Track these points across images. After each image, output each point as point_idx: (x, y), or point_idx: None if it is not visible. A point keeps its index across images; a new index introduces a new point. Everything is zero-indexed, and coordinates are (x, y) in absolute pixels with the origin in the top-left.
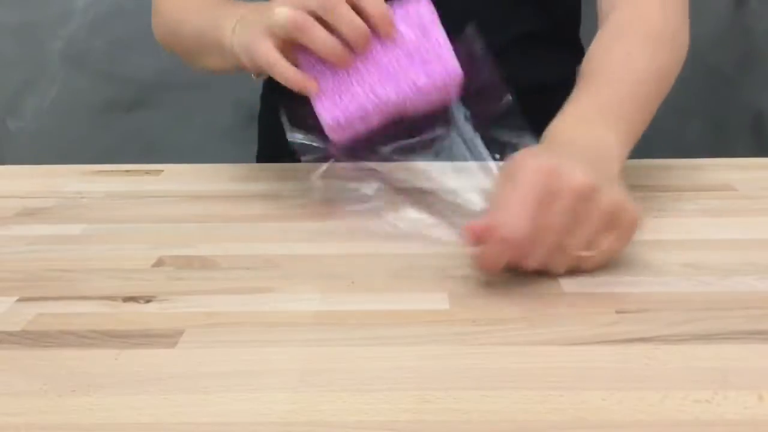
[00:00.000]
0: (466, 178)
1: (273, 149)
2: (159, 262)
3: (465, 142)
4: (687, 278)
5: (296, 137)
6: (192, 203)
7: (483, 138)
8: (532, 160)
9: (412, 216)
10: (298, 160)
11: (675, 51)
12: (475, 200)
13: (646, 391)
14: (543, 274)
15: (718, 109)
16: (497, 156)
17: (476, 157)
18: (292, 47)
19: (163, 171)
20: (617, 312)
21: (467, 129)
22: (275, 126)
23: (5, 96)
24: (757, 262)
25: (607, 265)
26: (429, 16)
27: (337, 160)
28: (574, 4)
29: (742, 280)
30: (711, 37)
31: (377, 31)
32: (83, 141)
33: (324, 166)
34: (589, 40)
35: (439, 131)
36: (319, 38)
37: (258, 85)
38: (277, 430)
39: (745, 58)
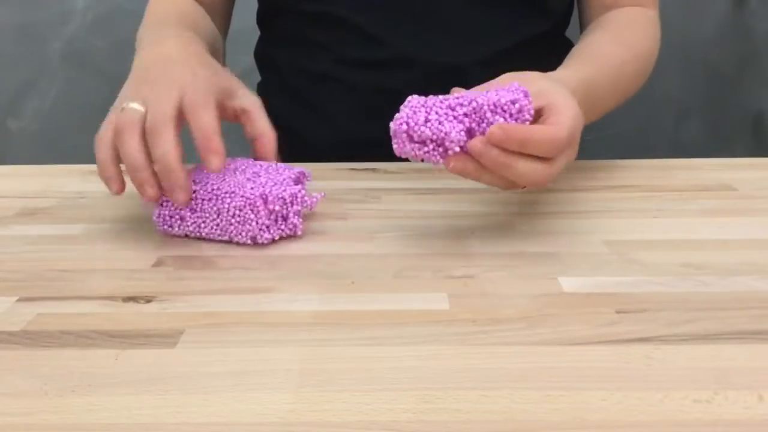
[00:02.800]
0: None
1: None
2: (159, 262)
3: None
4: (687, 278)
5: None
6: None
7: None
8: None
9: None
10: (298, 160)
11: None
12: None
13: (646, 391)
14: (543, 274)
15: (717, 108)
16: None
17: None
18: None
19: None
20: (617, 312)
21: None
22: (272, 125)
23: (5, 96)
24: (757, 262)
25: (608, 265)
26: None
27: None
28: (570, 3)
29: (742, 280)
30: (711, 37)
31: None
32: (83, 141)
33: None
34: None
35: None
36: (128, 152)
37: (254, 86)
38: (277, 430)
39: (745, 58)
